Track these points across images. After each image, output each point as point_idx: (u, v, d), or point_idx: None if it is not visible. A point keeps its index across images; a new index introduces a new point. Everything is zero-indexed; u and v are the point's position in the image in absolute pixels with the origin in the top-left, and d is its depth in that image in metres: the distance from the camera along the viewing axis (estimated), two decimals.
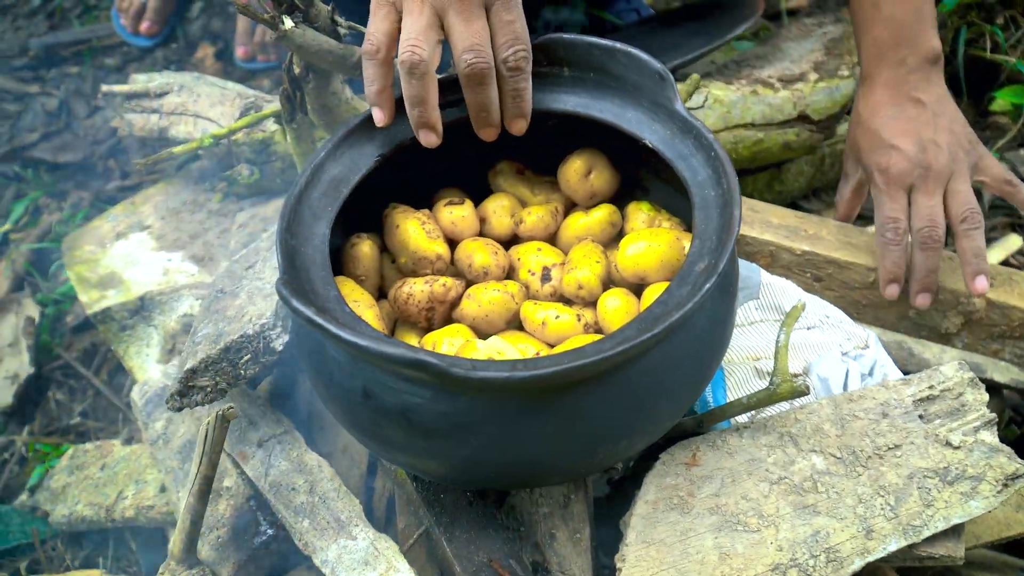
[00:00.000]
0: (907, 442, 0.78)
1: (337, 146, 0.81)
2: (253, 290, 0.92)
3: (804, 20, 1.31)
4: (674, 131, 0.80)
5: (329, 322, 0.62)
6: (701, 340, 0.70)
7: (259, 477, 0.84)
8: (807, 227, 1.04)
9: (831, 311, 0.94)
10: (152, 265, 1.25)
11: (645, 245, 0.79)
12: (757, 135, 1.14)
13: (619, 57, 0.82)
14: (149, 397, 1.08)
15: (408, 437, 0.67)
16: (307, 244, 0.74)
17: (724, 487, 0.76)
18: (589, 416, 0.66)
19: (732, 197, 0.72)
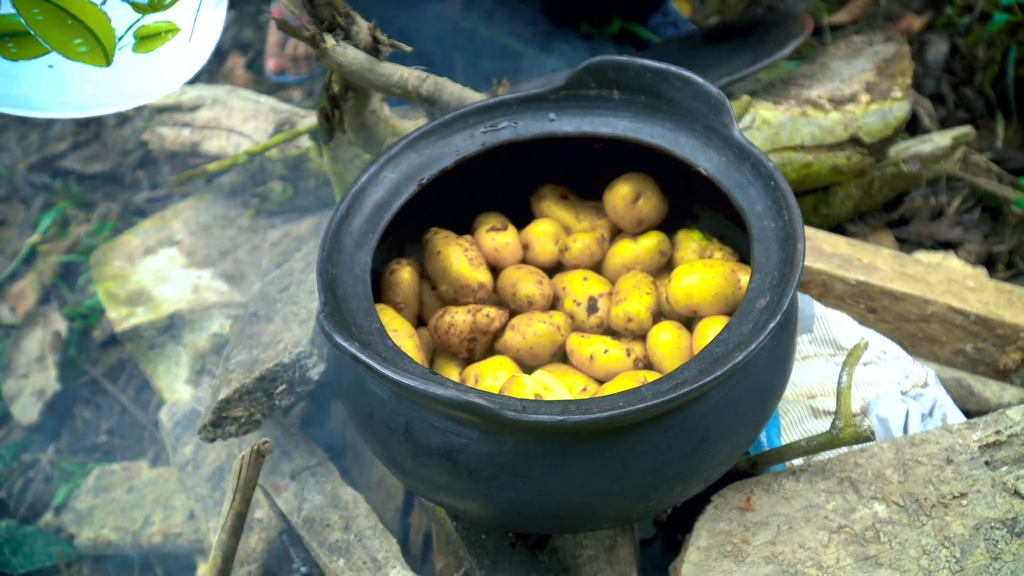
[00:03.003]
0: (973, 490, 0.74)
1: (379, 170, 0.78)
2: (288, 315, 0.89)
3: (853, 38, 1.27)
4: (730, 158, 0.77)
5: (374, 359, 0.59)
6: (762, 381, 0.66)
7: (292, 511, 0.82)
8: (861, 256, 1.00)
9: (888, 346, 0.90)
10: (182, 282, 1.23)
11: (699, 277, 0.75)
12: (806, 158, 1.11)
13: (672, 80, 0.79)
14: (178, 420, 1.06)
15: (452, 478, 0.64)
16: (348, 273, 0.71)
17: (780, 534, 0.72)
18: (643, 460, 0.63)
19: (795, 230, 0.68)
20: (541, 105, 0.84)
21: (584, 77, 0.83)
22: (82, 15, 0.59)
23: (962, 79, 1.57)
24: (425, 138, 0.81)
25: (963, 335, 0.98)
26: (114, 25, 0.60)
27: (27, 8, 0.57)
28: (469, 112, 0.83)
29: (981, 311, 0.98)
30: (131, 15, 0.60)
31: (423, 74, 0.90)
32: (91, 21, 0.59)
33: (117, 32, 0.61)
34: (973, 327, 0.98)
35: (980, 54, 1.57)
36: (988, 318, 0.98)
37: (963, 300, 0.99)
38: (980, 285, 1.02)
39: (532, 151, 0.84)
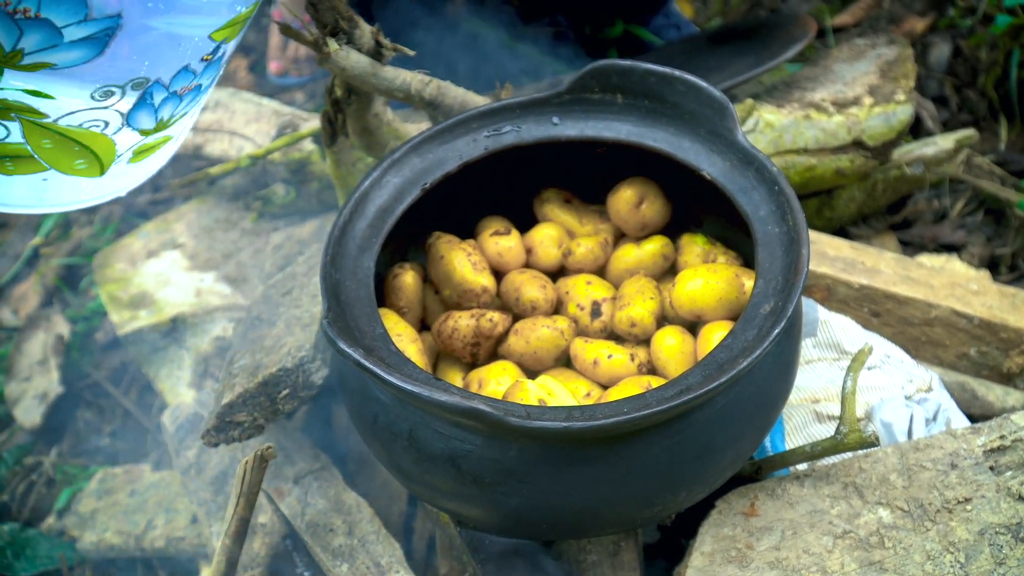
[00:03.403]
0: (977, 495, 0.74)
1: (383, 174, 0.78)
2: (291, 319, 0.89)
3: (856, 41, 1.27)
4: (734, 162, 0.77)
5: (378, 366, 0.59)
6: (766, 386, 0.66)
7: (295, 516, 0.82)
8: (864, 259, 0.99)
9: (892, 350, 0.89)
10: (184, 285, 1.23)
11: (703, 282, 0.75)
12: (809, 161, 1.10)
13: (676, 85, 0.79)
14: (180, 423, 1.06)
15: (456, 484, 0.64)
16: (352, 278, 0.71)
17: (785, 540, 0.72)
18: (648, 466, 0.63)
19: (799, 235, 0.68)
20: (544, 109, 0.83)
21: (587, 81, 0.82)
22: (90, 143, 0.60)
23: (965, 81, 1.57)
24: (428, 142, 0.81)
25: (967, 339, 0.98)
26: (118, 148, 0.61)
27: (37, 139, 0.58)
28: (472, 116, 0.83)
29: (985, 315, 0.98)
30: (136, 138, 0.61)
31: (426, 78, 0.90)
32: (97, 147, 0.60)
33: (119, 152, 0.62)
34: (977, 331, 0.98)
35: (983, 56, 1.57)
36: (992, 322, 0.97)
37: (967, 304, 0.99)
38: (984, 289, 1.02)
39: (535, 155, 0.84)
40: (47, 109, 0.56)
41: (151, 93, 0.59)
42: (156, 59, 0.57)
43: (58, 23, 0.52)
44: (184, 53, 0.58)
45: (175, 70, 0.59)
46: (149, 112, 0.60)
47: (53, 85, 0.55)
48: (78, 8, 0.52)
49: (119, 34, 0.54)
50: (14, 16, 0.51)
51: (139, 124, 0.60)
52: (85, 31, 0.53)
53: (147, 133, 0.62)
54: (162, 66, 0.58)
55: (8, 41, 0.52)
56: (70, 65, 0.54)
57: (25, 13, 0.51)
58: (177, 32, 0.57)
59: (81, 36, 0.53)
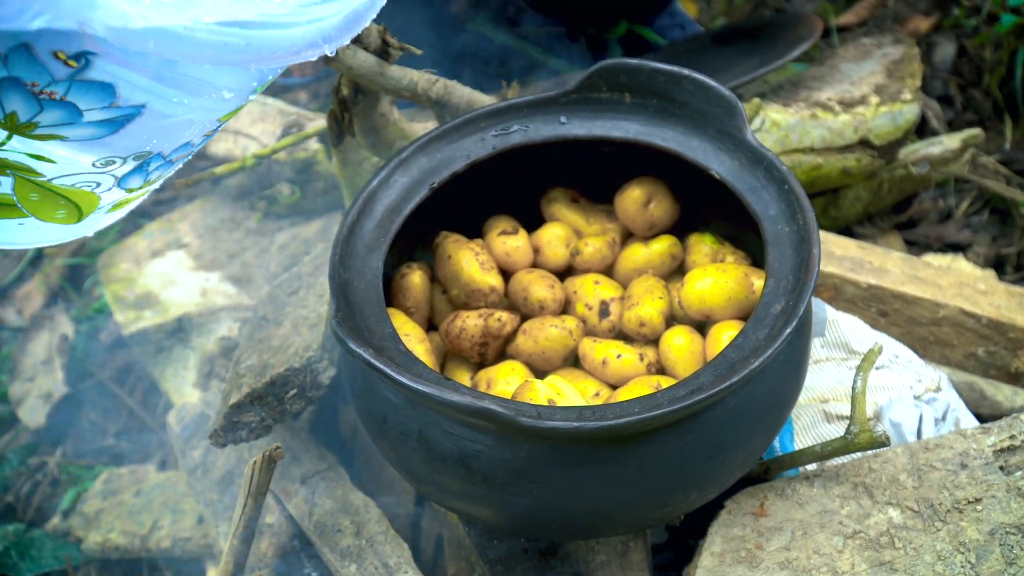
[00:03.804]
0: (988, 495, 0.74)
1: (390, 174, 0.78)
2: (298, 319, 0.89)
3: (862, 40, 1.26)
4: (743, 162, 0.77)
5: (387, 365, 0.59)
6: (777, 386, 0.66)
7: (303, 516, 0.81)
8: (872, 259, 0.99)
9: (900, 350, 0.89)
10: (189, 285, 1.23)
11: (712, 281, 0.75)
12: (816, 160, 1.10)
13: (685, 84, 0.79)
14: (186, 423, 1.05)
15: (466, 484, 0.64)
16: (360, 278, 0.71)
17: (795, 540, 0.71)
18: (659, 466, 0.62)
19: (809, 234, 0.68)
20: (552, 108, 0.83)
21: (595, 80, 0.82)
22: (76, 199, 0.59)
23: (970, 81, 1.57)
24: (436, 141, 0.81)
25: (975, 339, 0.98)
26: (101, 203, 0.61)
27: (26, 192, 0.57)
28: (480, 115, 0.83)
29: (993, 314, 0.97)
30: (122, 195, 0.61)
31: (433, 77, 0.90)
32: (82, 202, 0.60)
33: (100, 205, 0.61)
34: (985, 330, 0.98)
35: (988, 56, 1.56)
36: (1000, 321, 0.97)
37: (975, 304, 0.99)
38: (991, 288, 1.02)
39: (543, 154, 0.84)
40: (45, 171, 0.56)
41: (149, 162, 0.59)
42: (164, 138, 0.57)
43: (81, 107, 0.52)
44: (192, 133, 0.59)
45: (177, 144, 0.59)
46: (141, 175, 0.60)
47: (58, 153, 0.55)
48: (105, 97, 0.51)
49: (138, 119, 0.53)
50: (38, 95, 0.50)
51: (128, 185, 0.60)
52: (105, 115, 0.52)
53: (132, 191, 0.62)
54: (168, 142, 0.58)
55: (25, 114, 0.51)
56: (81, 140, 0.54)
57: (51, 95, 0.50)
58: (191, 118, 0.57)
59: (100, 119, 0.53)
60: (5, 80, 0.49)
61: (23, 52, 0.48)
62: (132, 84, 0.51)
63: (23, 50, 0.48)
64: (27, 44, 0.48)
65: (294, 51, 0.50)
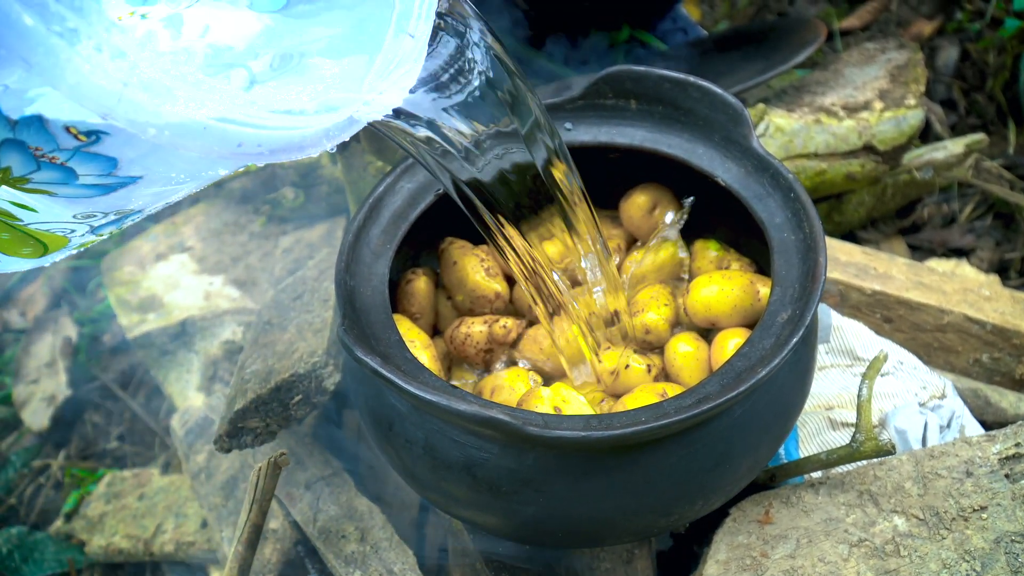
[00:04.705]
0: (993, 503, 0.74)
1: (396, 180, 0.78)
2: (302, 324, 0.89)
3: (865, 45, 1.27)
4: (748, 169, 0.77)
5: (395, 374, 0.59)
6: (783, 395, 0.66)
7: (307, 522, 0.81)
8: (876, 265, 0.99)
9: (905, 356, 0.89)
10: (193, 288, 1.23)
11: (718, 289, 0.75)
12: (820, 165, 1.10)
13: (691, 91, 0.79)
14: (190, 427, 1.05)
15: (472, 492, 0.64)
16: (366, 284, 0.71)
17: (800, 548, 0.71)
18: (665, 475, 0.62)
19: (816, 242, 0.68)
20: (558, 114, 0.83)
21: (601, 87, 0.82)
22: (47, 240, 0.58)
23: (973, 85, 1.57)
24: None
25: (979, 345, 0.98)
26: (70, 245, 0.60)
27: None
28: None
29: (997, 321, 0.97)
30: (91, 239, 0.60)
31: None
32: (52, 244, 0.59)
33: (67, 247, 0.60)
34: (989, 337, 0.98)
35: (991, 60, 1.56)
36: (1004, 328, 0.97)
37: (979, 310, 0.99)
38: (996, 294, 1.02)
39: None
40: (24, 217, 0.55)
41: (129, 216, 0.58)
42: (151, 200, 0.57)
43: (79, 172, 0.51)
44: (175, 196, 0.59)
45: (161, 204, 0.59)
46: (116, 225, 0.60)
47: (42, 204, 0.54)
48: (107, 167, 0.51)
49: (130, 186, 0.53)
50: (39, 158, 0.49)
51: (101, 232, 0.60)
52: (101, 180, 0.52)
53: (102, 236, 0.61)
54: (152, 202, 0.58)
55: (20, 170, 0.50)
56: (69, 197, 0.53)
57: (52, 160, 0.50)
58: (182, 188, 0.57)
59: (94, 183, 0.52)
60: (8, 142, 0.48)
61: (35, 122, 0.48)
62: (135, 161, 0.51)
63: (36, 121, 0.48)
64: (41, 116, 0.47)
65: (301, 149, 0.50)
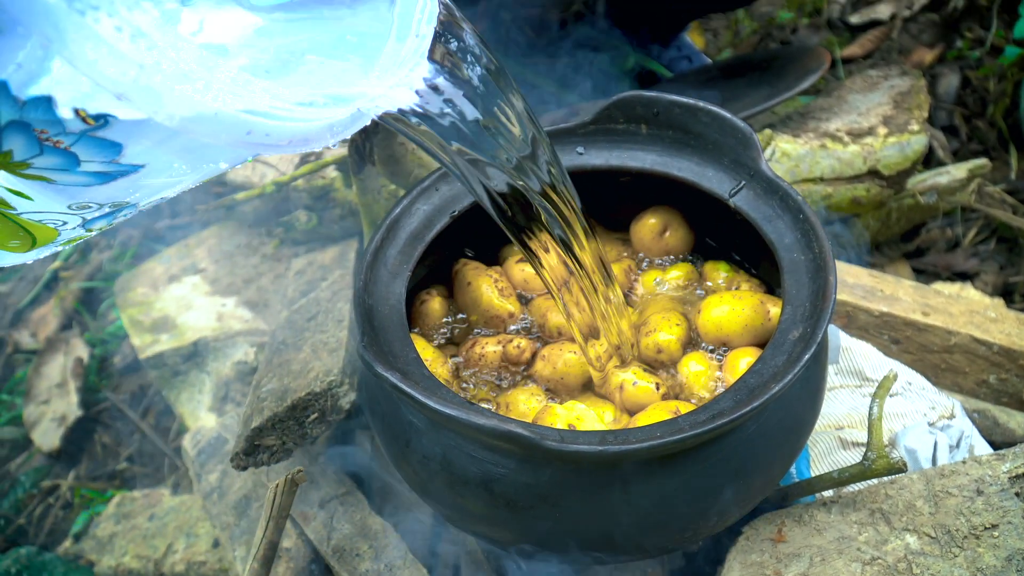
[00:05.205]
0: (1004, 522, 0.74)
1: (412, 202, 0.80)
2: (317, 344, 0.90)
3: (868, 72, 1.29)
4: (758, 191, 0.78)
5: (415, 389, 0.60)
6: (795, 412, 0.67)
7: (321, 541, 0.82)
8: (883, 287, 1.00)
9: (913, 377, 0.90)
10: (206, 310, 1.24)
11: (729, 308, 0.76)
12: (826, 190, 1.12)
13: (701, 116, 0.81)
14: (202, 447, 1.06)
15: (488, 507, 0.64)
16: (384, 303, 0.72)
17: (813, 566, 0.72)
18: (680, 490, 0.63)
19: (825, 262, 0.69)
20: (570, 139, 0.85)
21: (612, 112, 0.84)
22: (37, 232, 0.58)
23: (974, 112, 1.59)
24: None
25: (986, 366, 0.99)
26: (59, 239, 0.59)
27: None
28: None
29: (1004, 342, 0.98)
30: (81, 233, 0.60)
31: None
32: (41, 236, 0.58)
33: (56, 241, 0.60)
34: (996, 358, 0.99)
35: (991, 87, 1.59)
36: (1011, 349, 0.98)
37: (986, 331, 1.00)
38: (1001, 316, 1.03)
39: None
40: (18, 205, 0.54)
41: (122, 210, 0.58)
42: (147, 193, 0.57)
43: (82, 158, 0.50)
44: (172, 191, 0.58)
45: (155, 199, 0.58)
46: (108, 220, 0.59)
47: (39, 192, 0.53)
48: (110, 154, 0.50)
49: (131, 175, 0.52)
50: (43, 142, 0.48)
51: (93, 226, 0.59)
52: (102, 168, 0.51)
53: (92, 231, 0.60)
54: (147, 196, 0.57)
55: (21, 154, 0.49)
56: (67, 184, 0.52)
57: (56, 144, 0.49)
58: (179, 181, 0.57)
59: (95, 170, 0.51)
60: (14, 123, 0.48)
61: (44, 103, 0.47)
62: (140, 148, 0.51)
63: (45, 101, 0.47)
64: (50, 97, 0.46)
65: (305, 142, 0.50)
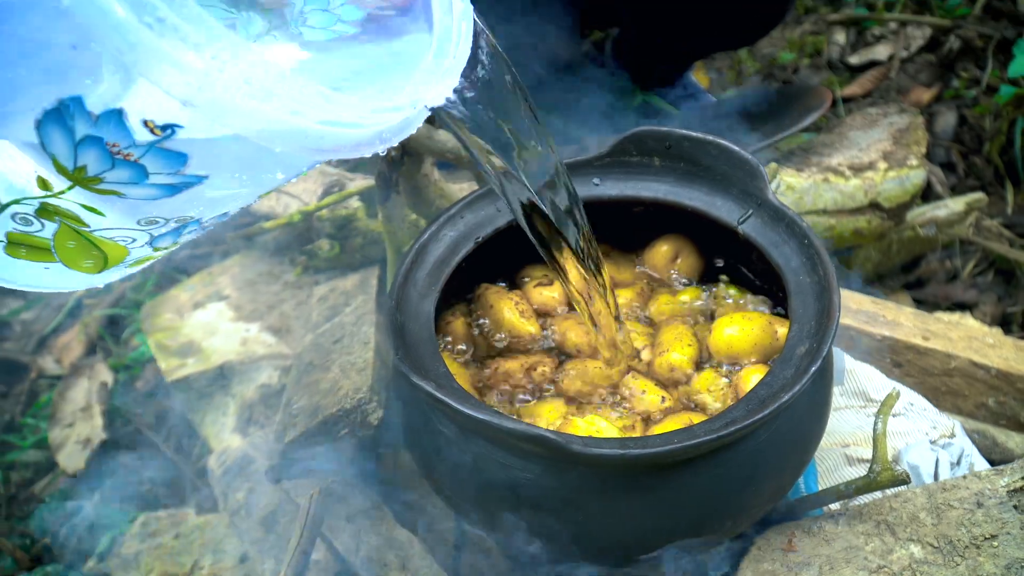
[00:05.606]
0: (1003, 532, 0.78)
1: (439, 228, 0.84)
2: (345, 364, 0.94)
3: (868, 110, 1.35)
4: (765, 219, 0.83)
5: (449, 396, 0.64)
6: (803, 423, 0.71)
7: (350, 552, 0.85)
8: (885, 313, 1.05)
9: (915, 398, 0.94)
10: (230, 335, 1.29)
11: (739, 328, 0.81)
12: (829, 221, 1.17)
13: (710, 149, 0.86)
14: (228, 467, 1.10)
15: (515, 511, 0.68)
16: (414, 322, 0.76)
17: (823, 574, 0.75)
18: (696, 495, 0.67)
19: (829, 283, 0.74)
20: (587, 171, 0.90)
21: (627, 146, 0.89)
22: (108, 250, 0.61)
23: (971, 148, 1.65)
24: (480, 200, 0.88)
25: (985, 389, 1.03)
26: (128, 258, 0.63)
27: (65, 239, 0.59)
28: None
29: (1002, 366, 1.02)
30: (149, 252, 0.63)
31: None
32: (112, 254, 0.62)
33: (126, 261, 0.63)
34: (994, 381, 1.03)
35: (987, 125, 1.65)
36: (1009, 373, 1.02)
37: (984, 356, 1.04)
38: (999, 342, 1.07)
39: None
40: (92, 222, 0.58)
41: (187, 226, 0.61)
42: (210, 207, 0.60)
43: (150, 170, 0.54)
44: (233, 205, 0.62)
45: (218, 213, 0.62)
46: (175, 237, 0.62)
47: (110, 208, 0.57)
48: (176, 164, 0.54)
49: (197, 187, 0.56)
50: (115, 155, 0.52)
51: (160, 244, 0.62)
52: (169, 180, 0.55)
53: (159, 250, 0.63)
54: (210, 211, 0.60)
55: (95, 169, 0.53)
56: (136, 198, 0.56)
57: (127, 157, 0.52)
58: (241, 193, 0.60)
59: (163, 183, 0.55)
60: (89, 138, 0.52)
61: (115, 116, 0.51)
62: (204, 158, 0.54)
63: (116, 115, 0.51)
64: (121, 110, 0.51)
65: (356, 147, 0.54)
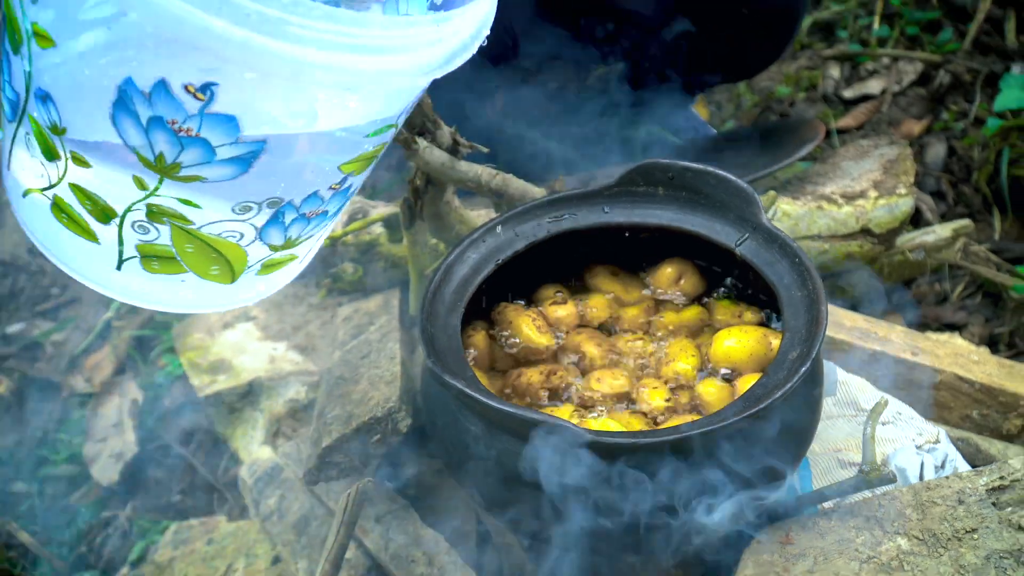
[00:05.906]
0: (983, 526, 0.85)
1: (464, 250, 0.93)
2: (374, 377, 1.02)
3: (860, 141, 1.43)
4: (760, 241, 0.91)
5: (478, 392, 0.72)
6: (796, 420, 0.79)
7: (379, 550, 0.92)
8: (877, 330, 1.12)
9: (903, 408, 1.01)
10: (259, 353, 1.37)
11: (736, 340, 0.88)
12: (822, 246, 1.25)
13: (709, 179, 0.94)
14: (259, 475, 1.17)
15: (535, 503, 0.75)
16: (442, 334, 0.84)
17: (817, 564, 0.82)
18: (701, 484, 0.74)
19: (818, 296, 0.82)
20: (597, 200, 0.98)
21: (634, 176, 0.98)
22: (225, 251, 0.68)
23: (960, 178, 1.72)
24: (501, 225, 0.96)
25: (969, 402, 1.10)
26: (248, 259, 0.70)
27: (182, 243, 0.67)
28: (537, 205, 0.98)
29: (985, 380, 1.10)
30: (266, 252, 0.70)
31: (493, 171, 1.05)
32: (231, 256, 0.69)
33: (249, 263, 0.70)
34: (978, 395, 1.10)
35: (975, 155, 1.72)
36: (992, 387, 1.10)
37: (969, 371, 1.11)
38: (984, 359, 1.15)
39: (589, 237, 0.99)
40: (193, 217, 0.66)
41: (283, 212, 0.68)
42: (291, 182, 0.67)
43: (213, 142, 0.62)
44: (315, 179, 0.68)
45: (306, 194, 0.68)
46: (280, 229, 0.69)
47: (202, 196, 0.65)
48: (231, 130, 0.61)
49: (263, 156, 0.63)
50: (178, 133, 0.61)
51: (269, 239, 0.69)
52: (235, 151, 0.62)
53: (275, 248, 0.70)
54: (295, 189, 0.67)
55: (171, 154, 0.62)
56: (218, 180, 0.64)
57: (188, 132, 0.60)
58: (311, 160, 0.67)
59: (231, 155, 0.62)
60: (152, 120, 0.60)
61: (162, 88, 0.59)
62: (253, 115, 0.61)
63: (161, 86, 0.59)
64: (164, 80, 0.58)
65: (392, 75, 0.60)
